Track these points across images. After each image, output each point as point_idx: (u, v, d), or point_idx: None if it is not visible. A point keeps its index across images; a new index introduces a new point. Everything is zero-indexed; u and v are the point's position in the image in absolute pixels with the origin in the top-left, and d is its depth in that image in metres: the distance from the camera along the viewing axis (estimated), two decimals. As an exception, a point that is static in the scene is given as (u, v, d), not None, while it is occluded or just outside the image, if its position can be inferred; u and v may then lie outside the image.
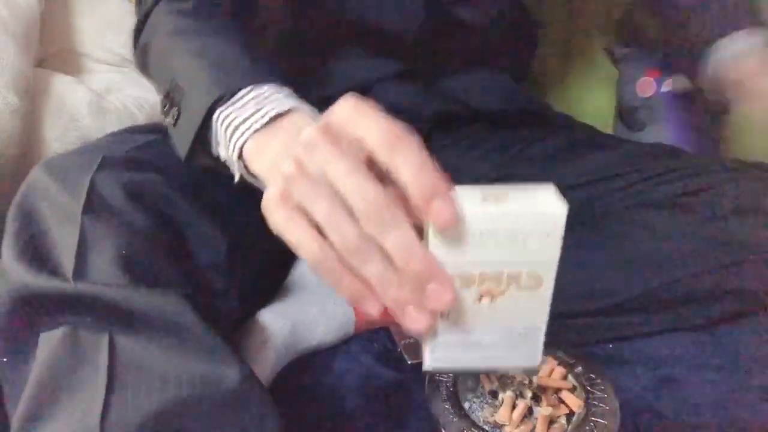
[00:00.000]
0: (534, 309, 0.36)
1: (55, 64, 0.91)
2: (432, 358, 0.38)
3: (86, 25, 0.95)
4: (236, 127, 0.44)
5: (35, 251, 0.42)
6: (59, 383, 0.38)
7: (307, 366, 0.62)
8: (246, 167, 0.44)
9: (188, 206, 0.49)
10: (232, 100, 0.45)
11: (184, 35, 0.52)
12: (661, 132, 0.94)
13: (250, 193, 0.47)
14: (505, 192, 0.35)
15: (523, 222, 0.34)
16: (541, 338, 0.38)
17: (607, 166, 0.67)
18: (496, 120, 0.73)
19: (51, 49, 0.93)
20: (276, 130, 0.43)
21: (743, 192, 0.59)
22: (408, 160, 0.31)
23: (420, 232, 0.33)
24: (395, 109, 0.55)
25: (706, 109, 0.96)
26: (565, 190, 0.35)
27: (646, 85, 0.97)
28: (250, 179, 0.45)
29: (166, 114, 0.49)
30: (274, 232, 0.34)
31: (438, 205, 0.31)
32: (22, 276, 0.41)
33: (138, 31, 0.57)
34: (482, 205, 0.34)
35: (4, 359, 0.42)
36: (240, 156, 0.44)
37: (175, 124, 0.48)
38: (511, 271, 0.35)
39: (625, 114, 0.97)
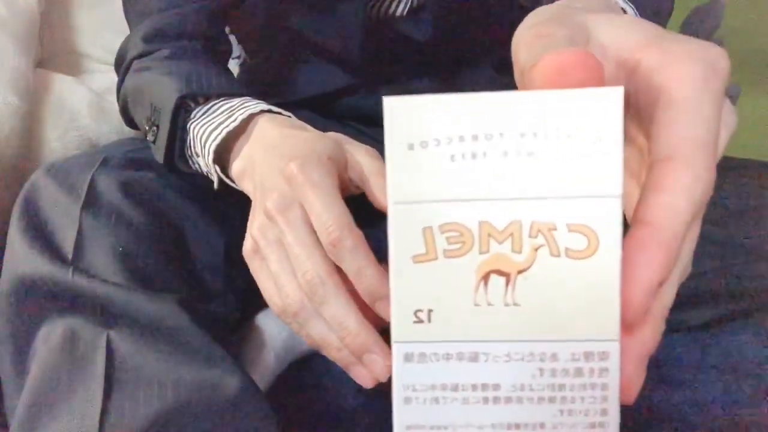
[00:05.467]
0: (590, 305, 0.20)
1: (55, 64, 0.91)
2: (406, 426, 0.23)
3: (86, 25, 0.95)
4: (210, 133, 0.46)
5: (37, 240, 0.43)
6: (57, 387, 0.38)
7: (307, 366, 0.62)
8: (224, 171, 0.47)
9: (186, 206, 0.49)
10: (205, 111, 0.48)
11: (156, 65, 0.53)
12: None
13: (248, 195, 0.47)
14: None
15: (547, 114, 0.19)
16: (614, 378, 0.20)
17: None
18: None
19: (51, 49, 0.93)
20: (246, 136, 0.45)
21: (743, 192, 0.59)
22: (348, 265, 0.34)
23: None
24: (380, 111, 0.56)
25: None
26: None
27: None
28: (229, 183, 0.47)
29: (147, 134, 0.51)
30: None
31: (381, 309, 0.34)
32: (23, 261, 0.41)
33: (118, 92, 0.58)
34: (480, 95, 0.20)
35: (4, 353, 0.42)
36: (215, 160, 0.46)
37: (155, 141, 0.49)
38: (537, 220, 0.19)
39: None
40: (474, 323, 0.20)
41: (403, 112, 0.20)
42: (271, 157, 0.40)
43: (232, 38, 0.73)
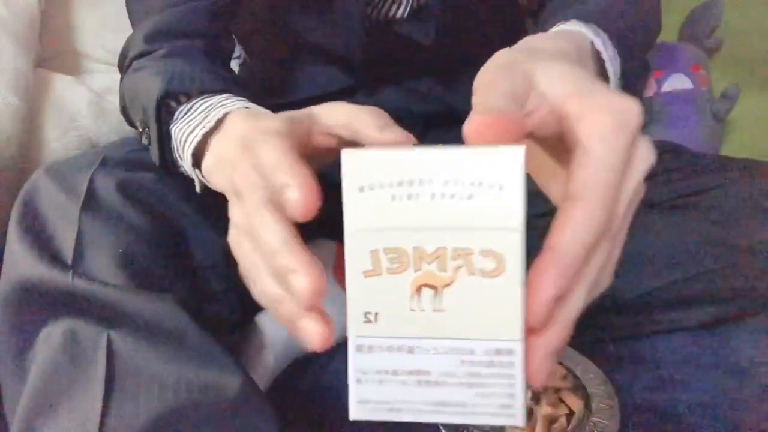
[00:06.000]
0: (499, 312, 0.25)
1: (55, 64, 0.91)
2: (357, 399, 0.28)
3: (86, 25, 0.95)
4: (187, 137, 0.44)
5: (36, 243, 0.42)
6: (58, 388, 0.38)
7: (307, 366, 0.62)
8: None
9: (186, 206, 0.49)
10: (185, 112, 0.46)
11: (150, 65, 0.53)
12: (661, 132, 0.94)
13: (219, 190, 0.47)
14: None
15: (464, 167, 0.24)
16: (519, 370, 0.26)
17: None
18: None
19: (51, 49, 0.93)
20: (219, 133, 0.43)
21: (743, 192, 0.59)
22: (277, 178, 0.31)
23: None
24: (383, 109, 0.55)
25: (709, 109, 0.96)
26: None
27: (647, 85, 0.97)
28: (212, 186, 0.45)
29: (142, 135, 0.50)
30: None
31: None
32: (23, 264, 0.41)
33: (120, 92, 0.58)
34: (410, 150, 0.25)
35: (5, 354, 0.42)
36: (195, 163, 0.44)
37: (149, 143, 0.49)
38: (458, 246, 0.25)
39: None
40: (410, 324, 0.26)
41: (355, 162, 0.25)
42: (236, 143, 0.36)
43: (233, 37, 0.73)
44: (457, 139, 0.26)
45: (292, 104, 0.69)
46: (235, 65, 0.79)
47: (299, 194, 0.29)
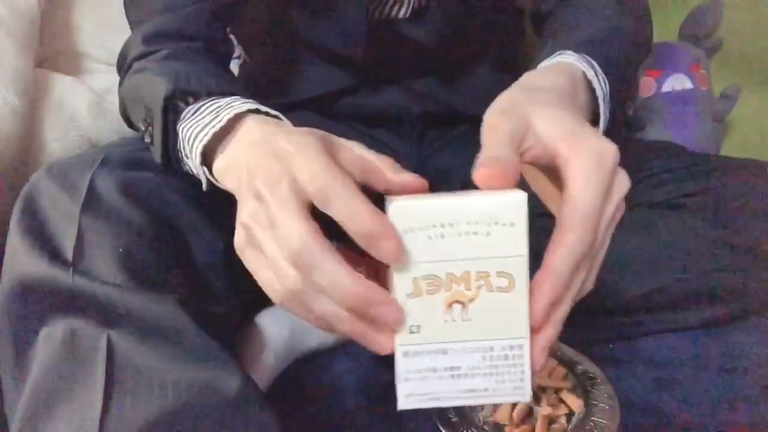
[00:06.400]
0: (511, 318, 0.34)
1: (55, 64, 0.91)
2: (405, 393, 0.35)
3: (86, 25, 0.94)
4: (196, 135, 0.45)
5: (37, 242, 0.43)
6: (58, 388, 0.38)
7: (307, 367, 0.62)
8: (212, 172, 0.46)
9: (186, 206, 0.49)
10: (194, 112, 0.47)
11: (152, 66, 0.53)
12: (662, 132, 0.94)
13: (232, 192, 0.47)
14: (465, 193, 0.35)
15: (482, 211, 0.33)
16: (526, 360, 0.35)
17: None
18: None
19: (51, 49, 0.93)
20: (232, 135, 0.44)
21: (743, 192, 0.59)
22: (340, 209, 0.33)
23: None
24: (381, 111, 0.57)
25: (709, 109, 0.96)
26: None
27: (646, 85, 0.97)
28: (217, 183, 0.46)
29: (144, 134, 0.50)
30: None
31: (378, 248, 0.33)
32: (24, 264, 0.41)
33: (119, 93, 0.58)
34: (439, 198, 0.34)
35: (5, 353, 0.42)
36: (203, 162, 0.45)
37: (152, 142, 0.49)
38: (479, 270, 0.33)
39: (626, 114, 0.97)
40: (444, 332, 0.34)
41: (400, 211, 0.33)
42: (259, 150, 0.38)
43: (232, 38, 0.73)
44: (456, 138, 0.27)
45: (293, 104, 0.69)
46: (235, 65, 0.79)
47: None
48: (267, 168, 0.36)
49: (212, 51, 0.58)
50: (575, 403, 0.52)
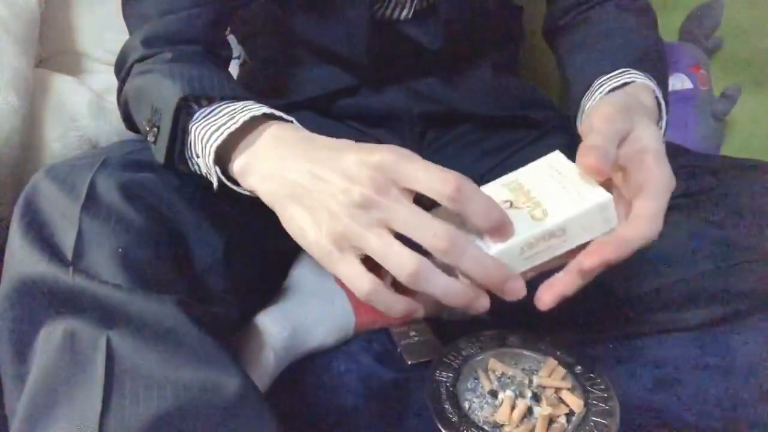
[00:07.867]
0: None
1: (55, 64, 0.91)
2: (513, 266, 0.41)
3: (86, 25, 0.95)
4: (211, 134, 0.46)
5: (37, 242, 0.43)
6: (57, 388, 0.38)
7: (307, 366, 0.62)
8: (224, 172, 0.47)
9: (186, 207, 0.49)
10: (207, 113, 0.49)
11: (159, 68, 0.53)
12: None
13: (247, 195, 0.47)
14: (527, 185, 0.43)
15: (596, 215, 0.42)
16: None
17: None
18: (486, 122, 0.73)
19: (51, 49, 0.93)
20: (254, 135, 0.46)
21: (743, 192, 0.59)
22: (474, 207, 0.39)
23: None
24: (381, 111, 0.59)
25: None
26: None
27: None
28: (229, 184, 0.47)
29: (148, 135, 0.51)
30: (331, 272, 0.40)
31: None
32: (24, 263, 0.42)
33: (119, 95, 0.59)
34: (531, 223, 0.41)
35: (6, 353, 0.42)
36: (216, 161, 0.46)
37: (155, 141, 0.50)
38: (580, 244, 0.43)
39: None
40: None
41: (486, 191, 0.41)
42: (304, 154, 0.42)
43: (232, 38, 0.73)
44: (456, 138, 0.27)
45: (294, 104, 0.69)
46: (234, 65, 0.79)
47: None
48: (368, 177, 0.39)
49: (212, 54, 0.59)
50: (575, 403, 0.52)
